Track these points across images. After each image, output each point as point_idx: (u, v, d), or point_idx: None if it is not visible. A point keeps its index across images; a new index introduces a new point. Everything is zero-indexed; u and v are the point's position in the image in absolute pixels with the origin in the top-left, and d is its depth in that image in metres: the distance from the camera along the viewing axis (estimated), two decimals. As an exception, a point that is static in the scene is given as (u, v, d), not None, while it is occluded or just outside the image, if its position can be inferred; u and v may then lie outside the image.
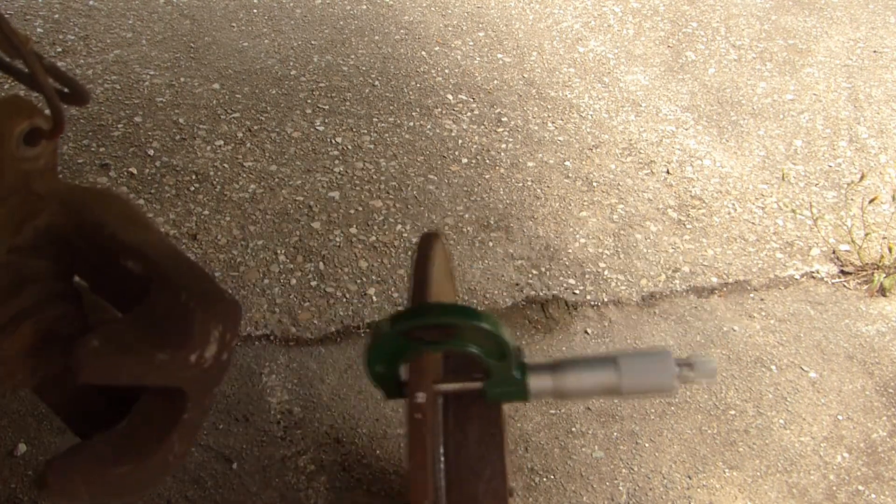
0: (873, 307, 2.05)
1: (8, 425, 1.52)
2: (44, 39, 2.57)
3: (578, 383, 0.57)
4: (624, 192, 2.31)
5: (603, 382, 0.56)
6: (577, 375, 0.56)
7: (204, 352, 0.68)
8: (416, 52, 2.80)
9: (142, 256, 0.72)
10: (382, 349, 0.64)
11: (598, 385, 0.57)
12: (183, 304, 0.68)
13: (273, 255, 1.96)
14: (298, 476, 1.52)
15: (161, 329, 0.68)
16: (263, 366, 1.72)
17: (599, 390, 0.58)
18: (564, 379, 0.57)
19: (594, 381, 0.56)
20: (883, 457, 1.68)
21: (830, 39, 3.12)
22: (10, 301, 0.73)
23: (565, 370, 0.57)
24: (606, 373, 0.56)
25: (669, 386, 0.56)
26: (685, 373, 0.57)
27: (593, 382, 0.57)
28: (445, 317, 0.58)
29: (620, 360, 0.57)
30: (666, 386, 0.56)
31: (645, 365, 0.57)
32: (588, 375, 0.57)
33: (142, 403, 0.75)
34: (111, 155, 2.18)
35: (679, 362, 0.58)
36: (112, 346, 0.67)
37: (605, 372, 0.56)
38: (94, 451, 0.74)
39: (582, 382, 0.57)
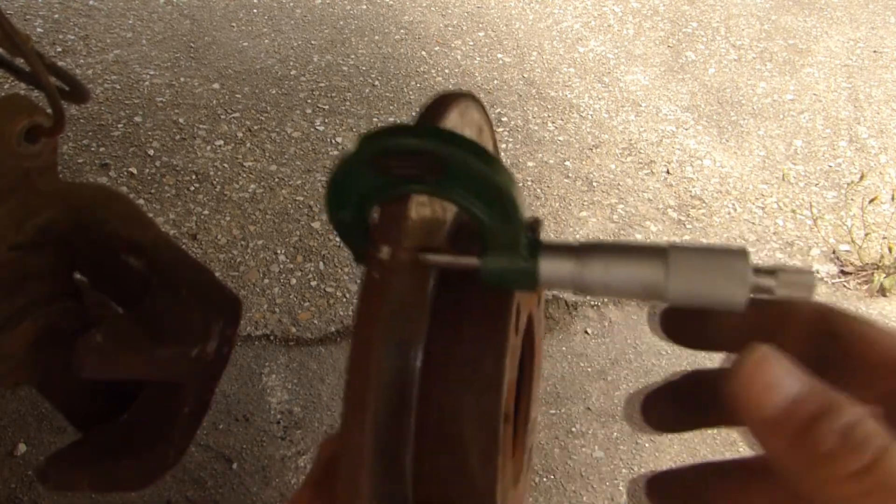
0: (873, 307, 2.05)
1: (8, 425, 1.52)
2: (44, 39, 2.57)
3: (608, 274, 0.40)
4: (624, 192, 2.31)
5: (643, 278, 0.40)
6: (607, 263, 0.40)
7: (205, 347, 0.68)
8: (416, 52, 2.80)
9: (143, 253, 0.72)
10: (347, 185, 0.41)
11: (634, 280, 0.40)
12: (184, 299, 0.69)
13: (273, 255, 1.96)
14: (298, 476, 1.52)
15: (162, 325, 0.68)
16: (263, 366, 1.72)
17: (636, 289, 0.41)
18: (590, 266, 0.40)
19: (630, 275, 0.40)
20: (883, 456, 1.68)
21: (830, 39, 3.12)
22: (12, 298, 0.73)
23: (593, 254, 0.40)
24: (650, 266, 0.40)
25: (738, 298, 0.39)
26: (764, 281, 0.39)
27: (629, 276, 0.40)
28: (433, 140, 0.39)
29: (672, 252, 0.39)
30: (733, 297, 0.39)
31: (707, 263, 0.39)
32: (624, 266, 0.40)
33: (143, 398, 0.75)
34: (111, 155, 2.18)
35: (759, 268, 0.39)
36: (114, 341, 0.67)
37: (648, 264, 0.40)
38: (95, 445, 0.74)
39: (613, 274, 0.40)
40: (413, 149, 0.39)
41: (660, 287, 0.39)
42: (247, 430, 1.59)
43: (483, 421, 0.39)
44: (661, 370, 1.81)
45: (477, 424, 0.39)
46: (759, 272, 0.39)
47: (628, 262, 0.40)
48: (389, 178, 0.40)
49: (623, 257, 0.40)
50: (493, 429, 0.39)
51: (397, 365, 0.37)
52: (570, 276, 0.41)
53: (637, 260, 0.40)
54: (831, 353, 0.35)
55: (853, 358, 0.34)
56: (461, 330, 0.41)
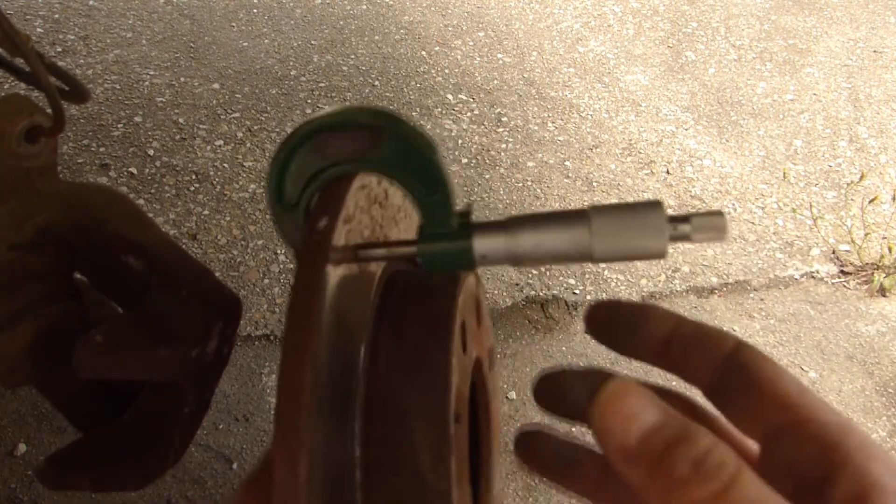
0: (873, 307, 2.05)
1: (8, 425, 1.52)
2: (44, 39, 2.57)
3: (538, 243, 0.41)
4: (624, 192, 2.31)
5: (570, 242, 0.41)
6: (536, 233, 0.42)
7: (205, 347, 0.68)
8: (416, 52, 2.80)
9: (143, 253, 0.72)
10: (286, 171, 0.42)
11: (563, 245, 0.41)
12: (184, 299, 0.69)
13: (273, 255, 1.96)
14: (298, 475, 1.52)
15: (162, 325, 0.68)
16: (263, 366, 1.72)
17: (566, 253, 0.42)
18: (520, 237, 0.42)
19: (558, 241, 0.41)
20: (883, 456, 1.68)
21: (830, 39, 3.12)
22: (11, 298, 0.73)
23: (521, 227, 0.42)
24: (575, 230, 0.41)
25: (658, 248, 0.41)
26: (680, 229, 0.41)
27: (557, 242, 0.41)
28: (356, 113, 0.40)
29: (593, 213, 0.41)
30: (654, 248, 0.41)
31: (625, 220, 0.41)
32: (551, 233, 0.41)
33: (143, 398, 0.75)
34: (111, 155, 2.18)
35: (673, 217, 0.41)
36: (114, 341, 0.67)
37: (572, 229, 0.41)
38: (95, 445, 0.74)
39: (543, 242, 0.41)
40: (345, 122, 0.40)
41: (586, 248, 0.41)
42: (247, 430, 1.59)
43: (432, 419, 0.37)
44: (660, 370, 1.81)
45: (426, 424, 0.37)
46: (674, 220, 0.40)
47: (555, 229, 0.41)
48: (326, 159, 0.41)
49: (549, 225, 0.42)
50: (442, 426, 0.37)
51: (340, 362, 0.36)
52: (504, 250, 0.42)
53: (562, 226, 0.41)
54: (734, 384, 0.38)
55: (752, 392, 0.37)
56: (405, 327, 0.41)
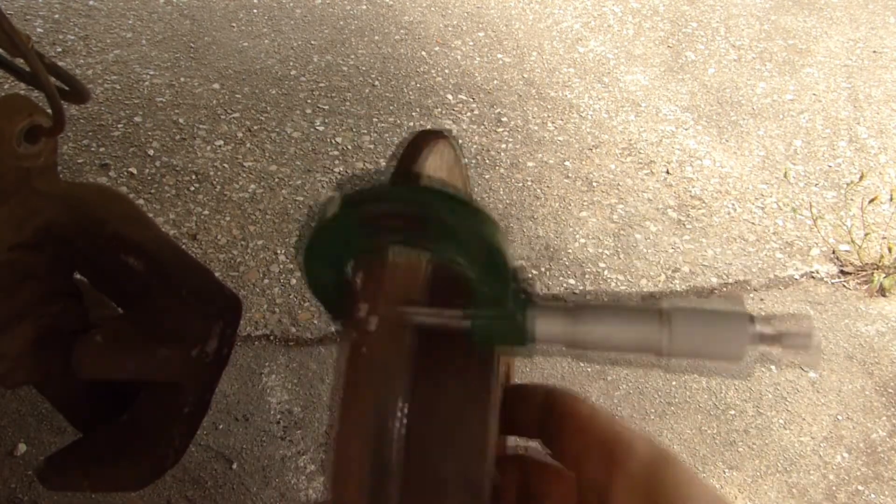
0: (873, 307, 2.05)
1: (8, 425, 1.52)
2: (44, 39, 2.57)
3: (606, 335, 0.38)
4: (624, 192, 2.31)
5: (642, 338, 0.38)
6: (605, 325, 0.38)
7: (205, 347, 0.68)
8: (416, 52, 2.80)
9: (143, 253, 0.72)
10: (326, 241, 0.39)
11: (633, 341, 0.38)
12: (184, 299, 0.69)
13: (273, 255, 1.96)
14: (298, 476, 1.52)
15: (162, 325, 0.69)
16: (263, 366, 1.72)
17: (635, 347, 0.39)
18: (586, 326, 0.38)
19: (629, 335, 0.38)
20: (882, 457, 1.68)
21: (830, 39, 3.12)
22: (12, 298, 0.73)
23: (589, 316, 0.38)
24: (650, 326, 0.38)
25: (737, 350, 0.38)
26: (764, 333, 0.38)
27: (628, 336, 0.38)
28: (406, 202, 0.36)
29: (675, 315, 0.37)
30: (732, 349, 0.38)
31: (709, 326, 0.37)
32: (622, 327, 0.38)
33: (143, 398, 0.75)
34: (111, 155, 2.18)
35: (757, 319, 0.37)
36: (113, 342, 0.67)
37: (648, 325, 0.38)
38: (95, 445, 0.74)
39: (612, 335, 0.38)
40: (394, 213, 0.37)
41: (658, 345, 0.38)
42: (247, 430, 1.59)
43: (468, 489, 0.36)
44: (660, 370, 1.81)
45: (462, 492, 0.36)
46: (763, 338, 0.38)
47: (627, 324, 0.39)
48: (370, 236, 0.38)
49: (622, 319, 0.39)
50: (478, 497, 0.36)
51: (377, 431, 0.35)
52: (564, 335, 0.39)
53: (636, 321, 0.39)
54: (547, 426, 0.40)
55: (560, 427, 0.39)
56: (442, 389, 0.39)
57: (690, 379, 1.80)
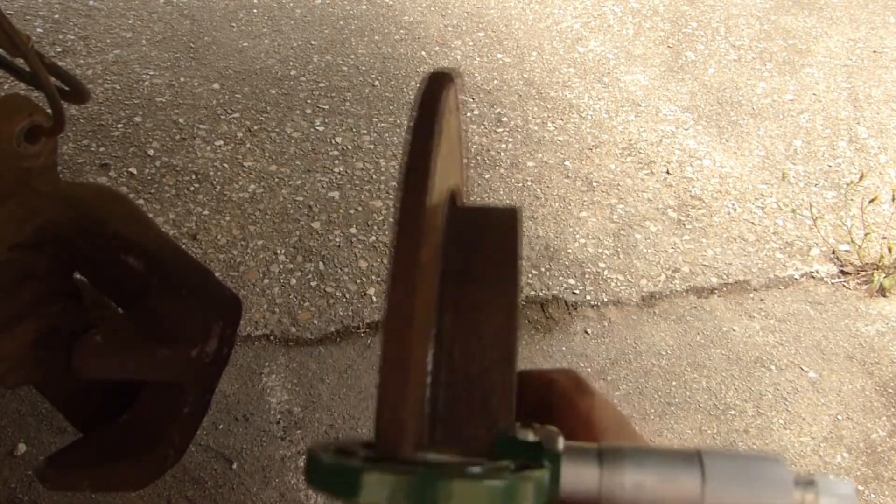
0: (873, 307, 2.05)
1: (8, 425, 1.52)
2: (44, 39, 2.57)
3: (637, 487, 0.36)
4: (624, 192, 2.31)
5: (676, 491, 0.36)
6: (635, 473, 0.36)
7: (205, 347, 0.68)
8: (416, 52, 2.80)
9: (143, 253, 0.72)
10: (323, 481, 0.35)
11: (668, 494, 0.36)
12: (184, 300, 0.69)
13: (273, 255, 1.96)
14: (298, 476, 1.52)
15: (162, 325, 0.68)
16: (263, 366, 1.72)
17: (671, 501, 0.36)
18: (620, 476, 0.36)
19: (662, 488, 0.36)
20: (882, 457, 1.68)
21: (830, 39, 3.12)
22: (12, 298, 0.73)
23: (619, 462, 0.36)
24: (685, 477, 0.36)
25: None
26: (805, 496, 0.36)
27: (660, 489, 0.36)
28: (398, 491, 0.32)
29: (706, 456, 0.35)
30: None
31: (743, 471, 0.36)
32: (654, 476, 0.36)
33: (143, 398, 0.75)
34: (111, 155, 2.18)
35: (797, 480, 0.36)
36: (114, 341, 0.67)
37: (682, 474, 0.36)
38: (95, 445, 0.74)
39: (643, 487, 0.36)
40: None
41: (696, 501, 0.36)
42: (247, 430, 1.59)
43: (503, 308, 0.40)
44: (660, 370, 1.81)
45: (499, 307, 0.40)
46: (797, 483, 0.36)
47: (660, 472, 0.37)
48: None
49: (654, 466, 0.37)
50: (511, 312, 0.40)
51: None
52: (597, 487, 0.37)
53: (670, 468, 0.37)
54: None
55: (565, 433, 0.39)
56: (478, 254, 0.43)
57: (690, 379, 1.80)
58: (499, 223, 0.46)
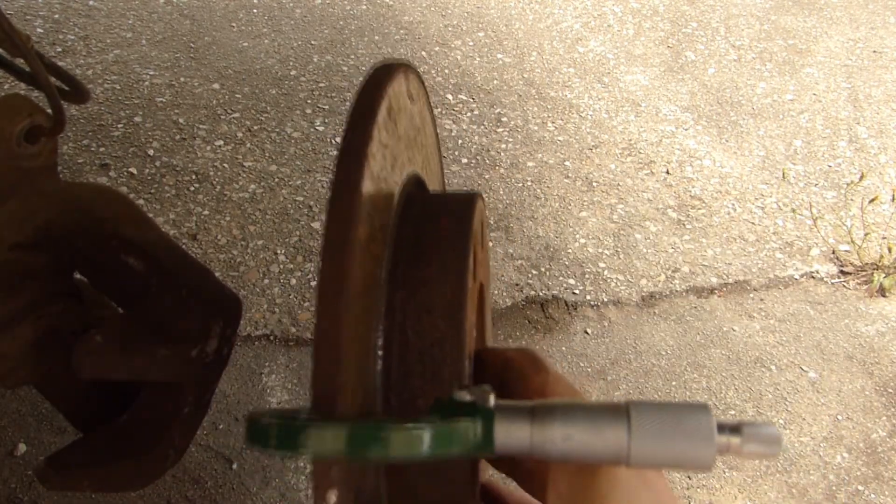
0: (873, 307, 2.05)
1: (8, 425, 1.52)
2: (44, 39, 2.57)
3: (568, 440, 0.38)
4: (624, 192, 2.31)
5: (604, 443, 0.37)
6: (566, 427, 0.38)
7: (205, 347, 0.68)
8: (416, 52, 2.80)
9: (143, 253, 0.72)
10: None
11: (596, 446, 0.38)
12: (184, 300, 0.69)
13: (273, 255, 1.96)
14: (298, 476, 1.52)
15: (162, 325, 0.68)
16: (263, 366, 1.72)
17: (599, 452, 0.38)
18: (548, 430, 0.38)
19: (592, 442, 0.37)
20: (882, 457, 1.68)
21: (830, 39, 3.12)
22: (11, 299, 0.73)
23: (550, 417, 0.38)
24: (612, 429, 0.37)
25: (706, 459, 0.37)
26: (730, 440, 0.37)
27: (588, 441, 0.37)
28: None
29: (633, 408, 0.37)
30: (701, 458, 0.37)
31: (669, 422, 0.37)
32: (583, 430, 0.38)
33: (143, 398, 0.75)
34: (111, 155, 2.18)
35: (723, 426, 0.37)
36: (113, 342, 0.67)
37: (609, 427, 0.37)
38: (95, 445, 0.74)
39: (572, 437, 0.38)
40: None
41: (623, 451, 0.38)
42: (247, 430, 1.59)
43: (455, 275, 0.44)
44: (660, 370, 1.81)
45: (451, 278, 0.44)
46: (722, 429, 0.38)
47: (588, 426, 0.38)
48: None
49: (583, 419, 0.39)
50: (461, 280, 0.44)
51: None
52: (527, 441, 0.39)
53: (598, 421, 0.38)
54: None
55: None
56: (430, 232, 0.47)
57: (690, 379, 1.80)
58: (456, 206, 0.48)
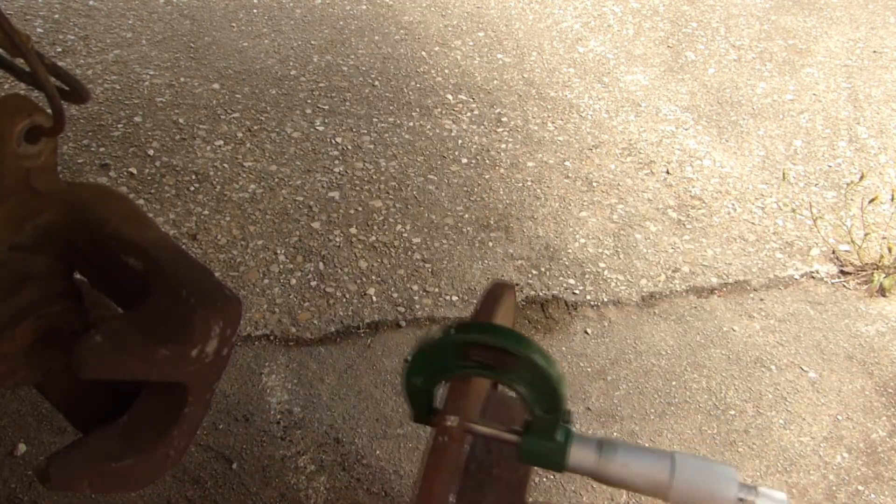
0: (873, 307, 2.05)
1: (8, 425, 1.52)
2: (44, 39, 2.57)
3: (624, 471, 0.50)
4: (624, 192, 2.31)
5: (652, 479, 0.50)
6: (624, 462, 0.50)
7: (205, 347, 0.68)
8: (416, 52, 2.80)
9: (143, 253, 0.72)
10: (429, 359, 0.54)
11: (645, 479, 0.51)
12: (184, 300, 0.69)
13: (273, 255, 1.96)
14: (298, 476, 1.52)
15: (162, 325, 0.68)
16: (263, 366, 1.72)
17: (645, 484, 0.51)
18: (610, 461, 0.51)
19: (642, 474, 0.50)
20: (882, 457, 1.68)
21: (830, 39, 3.12)
22: (11, 299, 0.73)
23: (614, 452, 0.51)
24: (659, 469, 0.50)
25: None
26: (746, 498, 0.50)
27: (641, 475, 0.50)
28: (514, 343, 0.51)
29: (678, 458, 0.50)
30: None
31: (703, 473, 0.50)
32: (637, 465, 0.51)
33: (143, 398, 0.75)
34: (111, 155, 2.18)
35: (743, 485, 0.50)
36: (114, 342, 0.67)
37: (657, 467, 0.50)
38: (95, 445, 0.74)
39: (628, 471, 0.51)
40: (496, 345, 0.52)
41: (665, 487, 0.51)
42: (247, 430, 1.59)
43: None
44: (660, 370, 1.81)
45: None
46: (741, 488, 0.50)
47: (642, 462, 0.51)
48: (467, 362, 0.53)
49: (638, 457, 0.52)
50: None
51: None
52: (594, 464, 0.52)
53: (650, 460, 0.51)
54: None
55: None
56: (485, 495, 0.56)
57: (690, 379, 1.80)
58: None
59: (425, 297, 1.91)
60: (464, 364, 0.54)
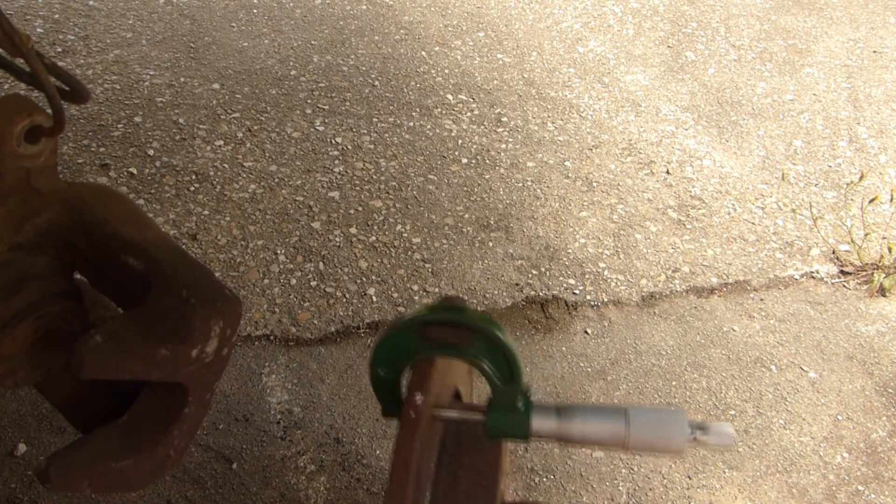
0: (873, 307, 2.05)
1: (8, 425, 1.52)
2: (44, 39, 2.57)
3: (583, 429, 0.55)
4: (624, 192, 2.31)
5: (610, 432, 0.54)
6: (583, 421, 0.54)
7: (205, 347, 0.68)
8: (416, 52, 2.80)
9: (143, 253, 0.72)
10: (392, 346, 0.58)
11: (603, 434, 0.55)
12: (184, 300, 0.69)
13: (273, 255, 1.96)
14: (298, 476, 1.52)
15: (162, 325, 0.68)
16: (263, 366, 1.72)
17: (605, 440, 0.55)
18: (570, 423, 0.55)
19: (600, 430, 0.54)
20: (882, 457, 1.68)
21: (830, 39, 3.12)
22: (11, 299, 0.73)
23: (572, 414, 0.55)
24: (614, 423, 0.54)
25: (679, 446, 0.54)
26: (698, 436, 0.55)
27: (599, 431, 0.54)
28: (468, 317, 0.54)
29: (631, 411, 0.53)
30: (675, 446, 0.54)
31: (656, 420, 0.54)
32: (595, 423, 0.55)
33: (143, 398, 0.75)
34: (111, 155, 2.18)
35: (692, 424, 0.55)
36: (113, 342, 0.67)
37: (613, 422, 0.54)
38: (95, 445, 0.74)
39: (587, 429, 0.55)
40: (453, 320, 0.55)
41: (623, 439, 0.55)
42: (247, 430, 1.59)
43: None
44: (660, 370, 1.81)
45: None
46: (693, 427, 0.55)
47: (599, 421, 0.55)
48: (428, 343, 0.57)
49: (594, 416, 0.56)
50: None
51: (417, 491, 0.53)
52: (555, 429, 0.56)
53: (605, 418, 0.55)
54: None
55: None
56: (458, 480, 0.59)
57: (690, 379, 1.80)
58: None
59: (425, 297, 1.91)
60: (426, 345, 0.57)
